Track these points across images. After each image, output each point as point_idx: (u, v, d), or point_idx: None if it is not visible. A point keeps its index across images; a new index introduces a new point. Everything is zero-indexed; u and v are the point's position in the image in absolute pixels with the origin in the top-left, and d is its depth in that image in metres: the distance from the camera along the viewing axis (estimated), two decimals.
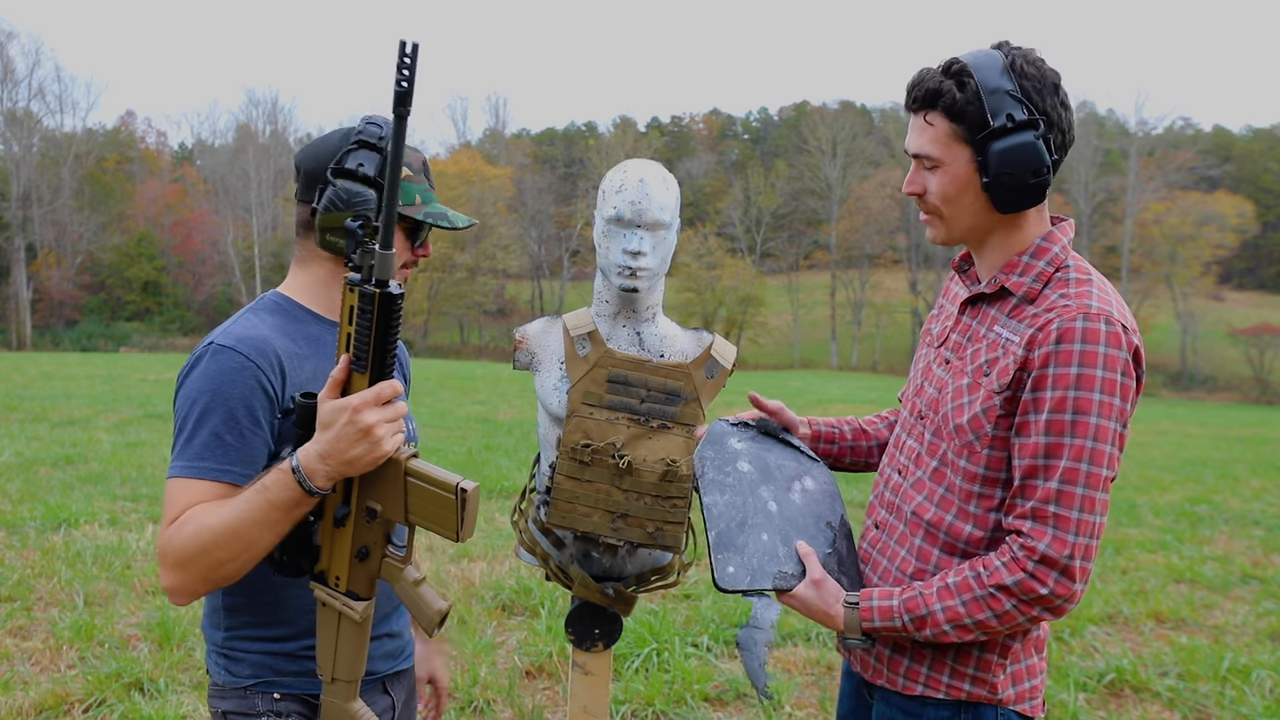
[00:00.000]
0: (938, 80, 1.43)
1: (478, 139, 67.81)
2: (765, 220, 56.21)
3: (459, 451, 10.01)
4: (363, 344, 1.25)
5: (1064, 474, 1.36)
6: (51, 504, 6.52)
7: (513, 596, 4.81)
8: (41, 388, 16.38)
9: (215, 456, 1.37)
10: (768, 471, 1.67)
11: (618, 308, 2.06)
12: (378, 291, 1.22)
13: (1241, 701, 3.86)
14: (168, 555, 1.32)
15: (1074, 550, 1.35)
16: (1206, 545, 7.07)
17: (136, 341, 42.71)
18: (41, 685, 3.59)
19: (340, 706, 1.37)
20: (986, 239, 1.52)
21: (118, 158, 55.89)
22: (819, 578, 1.52)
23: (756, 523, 1.57)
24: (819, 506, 1.67)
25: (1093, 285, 1.42)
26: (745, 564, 1.51)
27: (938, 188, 1.47)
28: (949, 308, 1.66)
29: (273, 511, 1.27)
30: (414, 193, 1.56)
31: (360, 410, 1.24)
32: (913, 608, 1.45)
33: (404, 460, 1.28)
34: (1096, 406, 1.35)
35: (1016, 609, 1.39)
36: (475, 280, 49.33)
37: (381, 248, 1.21)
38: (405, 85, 1.11)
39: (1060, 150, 1.43)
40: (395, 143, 1.16)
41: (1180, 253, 45.52)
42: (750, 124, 77.05)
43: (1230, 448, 15.27)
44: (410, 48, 1.10)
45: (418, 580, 1.31)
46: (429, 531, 1.29)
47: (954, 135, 1.43)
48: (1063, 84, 1.43)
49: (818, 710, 3.71)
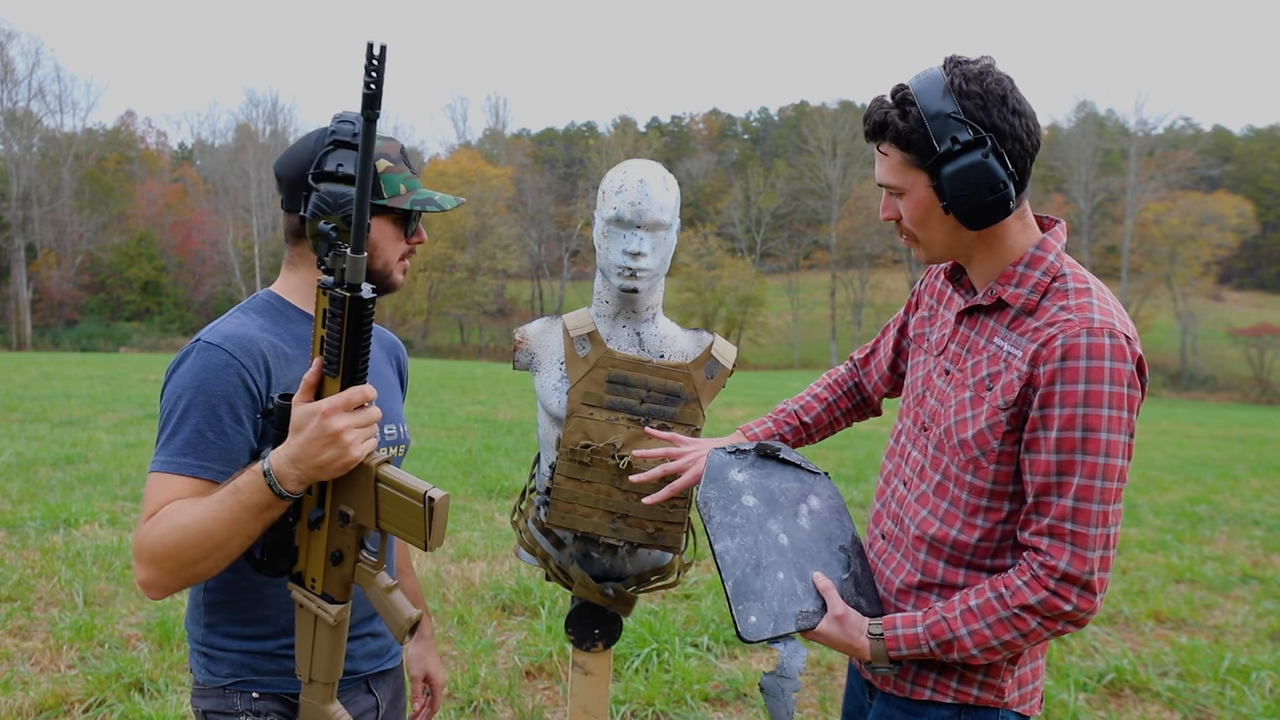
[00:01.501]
0: (884, 111, 1.43)
1: (478, 139, 67.88)
2: (765, 220, 56.21)
3: (459, 451, 10.01)
4: (334, 348, 1.24)
5: (1078, 491, 1.36)
6: (51, 504, 6.52)
7: (513, 596, 4.81)
8: (41, 388, 16.38)
9: (196, 453, 1.38)
10: (773, 500, 1.66)
11: (618, 308, 2.06)
12: (348, 296, 1.20)
13: (1241, 701, 3.86)
14: (142, 550, 1.33)
15: (1094, 565, 1.36)
16: (1206, 545, 7.07)
17: (136, 341, 42.72)
18: (41, 685, 3.59)
19: (318, 708, 1.37)
20: (970, 254, 1.51)
21: (118, 158, 55.91)
22: (841, 613, 1.51)
23: (770, 561, 1.56)
24: (828, 527, 1.66)
25: (1092, 296, 1.41)
26: (766, 609, 1.50)
27: (907, 214, 1.47)
28: (944, 314, 1.64)
29: (244, 513, 1.27)
30: (397, 183, 1.54)
31: (330, 415, 1.23)
32: (938, 633, 1.45)
33: (375, 467, 1.27)
34: (1106, 422, 1.35)
35: (1041, 626, 1.40)
36: (475, 280, 49.35)
37: (353, 251, 1.19)
38: (374, 88, 1.10)
39: (1023, 158, 1.41)
40: (365, 145, 1.15)
41: (1180, 253, 45.54)
42: (750, 124, 77.08)
43: (1230, 448, 15.27)
44: (378, 50, 1.08)
45: (389, 586, 1.30)
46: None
47: (907, 163, 1.42)
48: (1014, 90, 1.40)
49: (818, 710, 3.71)
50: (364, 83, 1.10)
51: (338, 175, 1.44)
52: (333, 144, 1.47)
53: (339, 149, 1.47)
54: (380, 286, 1.58)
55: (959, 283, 1.62)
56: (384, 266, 1.57)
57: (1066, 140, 51.15)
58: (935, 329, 1.66)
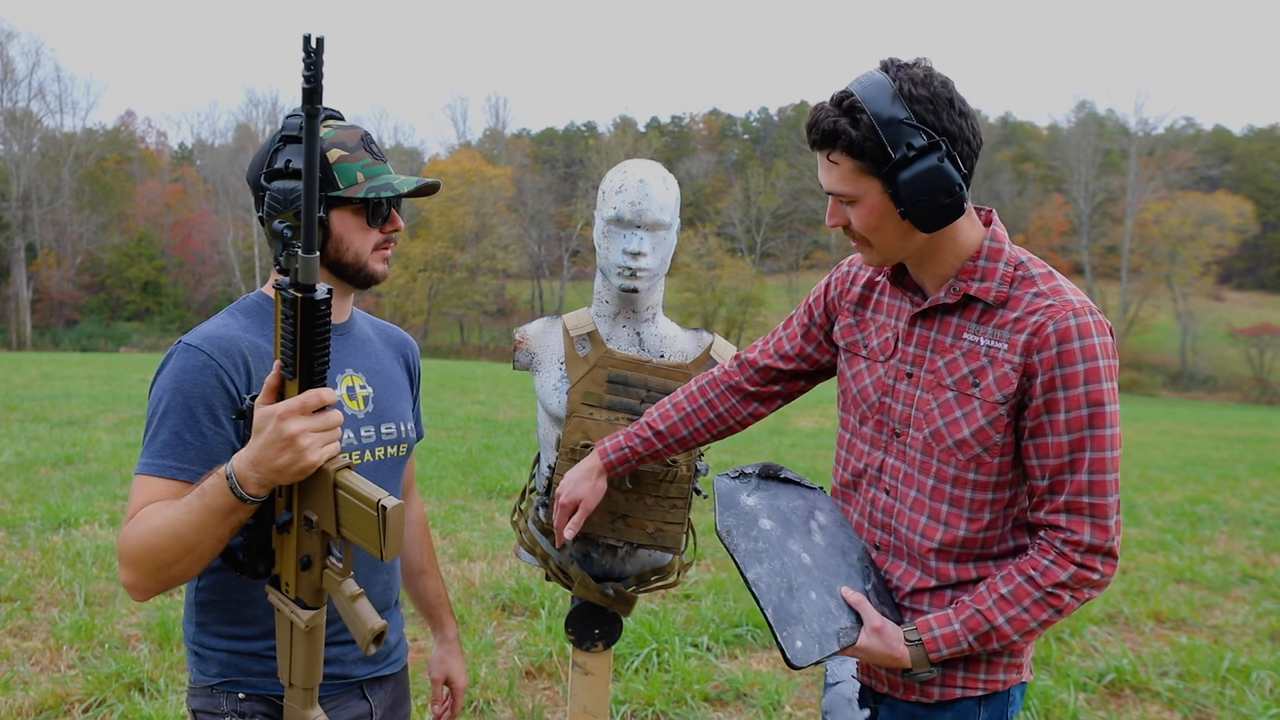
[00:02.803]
0: (832, 120, 1.41)
1: (478, 139, 67.84)
2: (765, 220, 56.22)
3: (459, 451, 10.01)
4: (289, 350, 1.21)
5: (1092, 465, 1.41)
6: (51, 504, 6.51)
7: (513, 596, 4.81)
8: (41, 388, 16.37)
9: (175, 455, 1.38)
10: (786, 521, 1.66)
11: (618, 308, 2.06)
12: (299, 296, 1.17)
13: (1241, 701, 3.86)
14: (122, 553, 1.34)
15: (1112, 532, 1.43)
16: (1206, 545, 7.07)
17: (136, 341, 42.71)
18: (41, 685, 3.59)
19: (299, 712, 1.35)
20: (923, 256, 1.51)
21: (118, 158, 55.89)
22: (879, 625, 1.51)
23: (801, 582, 1.56)
24: (839, 541, 1.67)
25: (1057, 279, 1.47)
26: (809, 632, 1.50)
27: (859, 221, 1.47)
28: (879, 319, 1.63)
29: (210, 516, 1.26)
30: (353, 171, 1.49)
31: (285, 418, 1.20)
32: (975, 626, 1.47)
33: (334, 472, 1.24)
34: (1107, 395, 1.41)
35: (1074, 599, 1.45)
36: (475, 280, 49.32)
37: (304, 251, 1.16)
38: (313, 81, 1.08)
39: (970, 158, 1.42)
40: (308, 140, 1.11)
41: (1180, 253, 45.55)
42: (750, 124, 77.05)
43: (1230, 448, 15.28)
44: (315, 41, 1.07)
45: (355, 595, 1.26)
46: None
47: (860, 171, 1.42)
48: (957, 91, 1.40)
49: (818, 710, 3.71)
50: (303, 76, 1.08)
51: (287, 171, 1.42)
52: (282, 140, 1.45)
53: (288, 145, 1.44)
54: (358, 280, 1.56)
55: (901, 285, 1.60)
56: (355, 259, 1.54)
57: (1066, 140, 51.18)
58: (872, 335, 1.64)
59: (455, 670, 1.92)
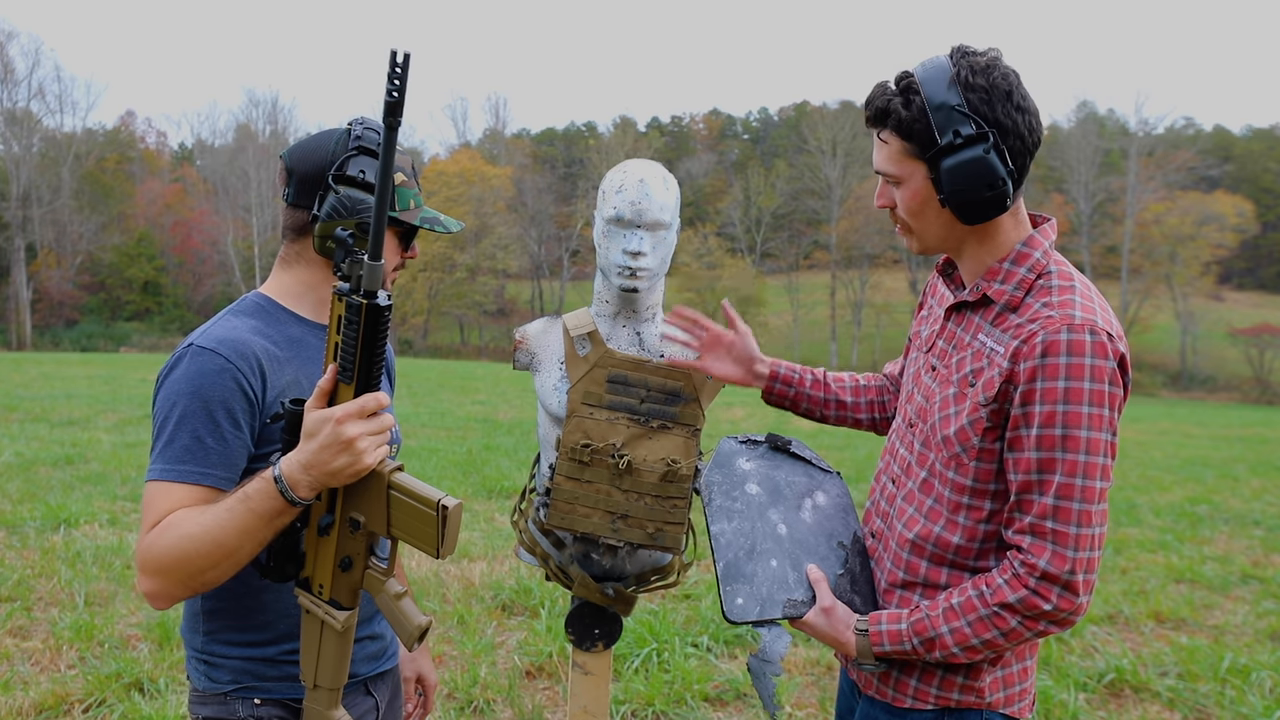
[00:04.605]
0: (887, 98, 1.40)
1: (478, 139, 67.81)
2: (765, 220, 56.19)
3: (459, 451, 10.00)
4: (349, 354, 1.23)
5: (1059, 490, 1.34)
6: (51, 504, 6.52)
7: (513, 596, 4.81)
8: (41, 388, 16.37)
9: (196, 459, 1.36)
10: (777, 491, 1.66)
11: (618, 308, 2.06)
12: (365, 303, 1.21)
13: (1241, 701, 3.86)
14: (148, 561, 1.31)
15: (1074, 565, 1.34)
16: (1206, 545, 7.07)
17: (136, 341, 42.73)
18: (41, 685, 3.59)
19: (322, 713, 1.36)
20: (962, 248, 1.50)
21: (118, 158, 55.87)
22: (829, 605, 1.52)
23: (765, 549, 1.56)
24: (831, 523, 1.66)
25: (1075, 293, 1.39)
26: (754, 594, 1.50)
27: (903, 204, 1.46)
28: (936, 310, 1.64)
29: (255, 520, 1.27)
30: (408, 198, 1.56)
31: (344, 422, 1.22)
32: (920, 630, 1.45)
33: (387, 473, 1.26)
34: (1086, 420, 1.33)
35: (1022, 625, 1.38)
36: (475, 280, 49.35)
37: (370, 259, 1.19)
38: (396, 95, 1.10)
39: (1022, 155, 1.39)
40: (385, 153, 1.15)
41: (1180, 253, 45.51)
42: (750, 124, 77.02)
43: (1230, 448, 15.27)
44: (401, 57, 1.09)
45: (399, 594, 1.29)
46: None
47: (906, 153, 1.41)
48: (1019, 85, 1.38)
49: (818, 710, 3.71)
50: (387, 90, 1.10)
51: (358, 181, 1.45)
52: (357, 149, 1.48)
53: (362, 155, 1.48)
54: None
55: (950, 278, 1.61)
56: None
57: (1066, 140, 51.11)
58: (927, 325, 1.66)
59: (426, 668, 1.95)
